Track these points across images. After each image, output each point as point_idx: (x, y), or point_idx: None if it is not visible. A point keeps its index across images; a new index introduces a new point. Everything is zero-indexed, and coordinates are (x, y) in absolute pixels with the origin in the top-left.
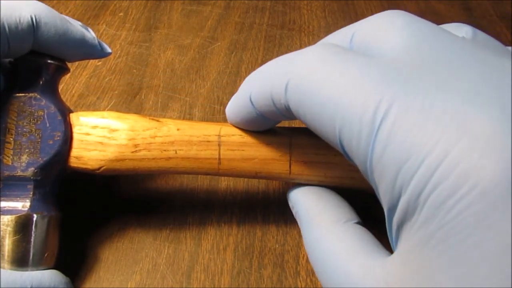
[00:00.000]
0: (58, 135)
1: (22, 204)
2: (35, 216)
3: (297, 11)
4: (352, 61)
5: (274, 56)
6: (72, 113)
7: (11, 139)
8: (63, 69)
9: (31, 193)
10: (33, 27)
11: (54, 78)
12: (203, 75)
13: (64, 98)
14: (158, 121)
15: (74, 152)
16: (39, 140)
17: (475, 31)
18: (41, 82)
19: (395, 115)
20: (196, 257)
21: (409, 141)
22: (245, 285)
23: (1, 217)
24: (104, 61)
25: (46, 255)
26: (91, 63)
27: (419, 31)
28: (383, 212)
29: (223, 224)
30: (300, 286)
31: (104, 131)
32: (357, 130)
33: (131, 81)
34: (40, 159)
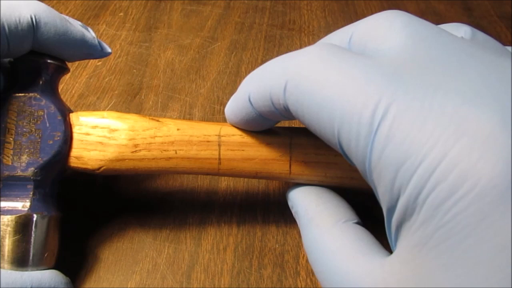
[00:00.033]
0: (58, 135)
1: (22, 204)
2: (35, 216)
3: (297, 11)
4: (350, 61)
5: (274, 56)
6: (72, 113)
7: (11, 139)
8: (63, 69)
9: (31, 193)
10: (33, 27)
11: (54, 78)
12: (203, 75)
13: (64, 98)
14: (158, 121)
15: (74, 152)
16: (39, 140)
17: (474, 31)
18: (41, 82)
19: (393, 115)
20: (196, 257)
21: (407, 142)
22: (245, 285)
23: (1, 217)
24: (104, 61)
25: (46, 255)
26: (91, 63)
27: (417, 31)
28: (382, 212)
29: (223, 224)
30: (300, 286)
31: (104, 131)
32: (355, 130)
33: (131, 81)
34: (40, 159)
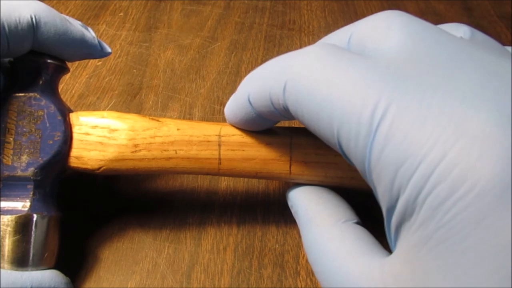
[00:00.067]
0: (58, 135)
1: (22, 204)
2: (35, 216)
3: (297, 11)
4: (350, 62)
5: (274, 56)
6: (72, 113)
7: (11, 139)
8: (63, 69)
9: (31, 193)
10: (33, 27)
11: (54, 78)
12: (203, 75)
13: (64, 98)
14: (158, 121)
15: (74, 152)
16: (39, 140)
17: (473, 31)
18: (41, 82)
19: (393, 116)
20: (196, 257)
21: (407, 142)
22: (245, 285)
23: (1, 217)
24: (104, 61)
25: (46, 255)
26: (91, 63)
27: (417, 31)
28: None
29: (223, 224)
30: (300, 286)
31: (104, 131)
32: (355, 131)
33: (131, 81)
34: (40, 159)
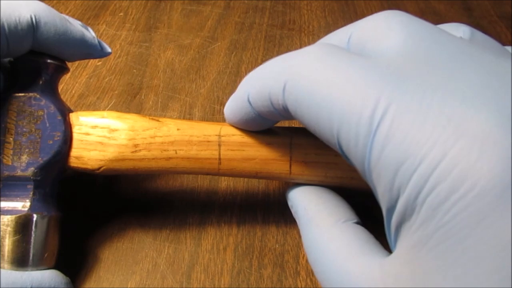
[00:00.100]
0: (58, 135)
1: (22, 204)
2: (35, 216)
3: (297, 11)
4: (349, 62)
5: (274, 56)
6: (72, 113)
7: (11, 139)
8: (63, 68)
9: (31, 193)
10: (33, 27)
11: (54, 78)
12: (203, 75)
13: (64, 98)
14: (158, 121)
15: (74, 152)
16: (39, 140)
17: (473, 31)
18: (40, 82)
19: (392, 116)
20: (196, 257)
21: (407, 142)
22: (245, 285)
23: (1, 217)
24: (104, 61)
25: (46, 255)
26: (91, 63)
27: (416, 31)
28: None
29: (223, 224)
30: (300, 286)
31: (104, 131)
32: (354, 131)
33: (131, 81)
34: (40, 159)
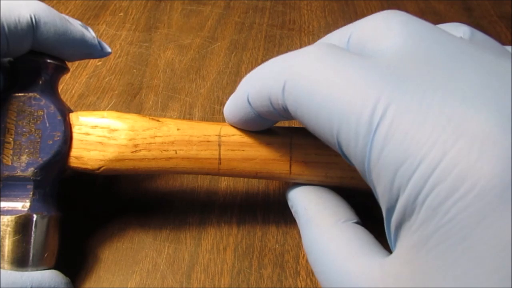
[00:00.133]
0: (58, 135)
1: (22, 204)
2: (35, 216)
3: (297, 11)
4: (349, 62)
5: (274, 56)
6: (72, 113)
7: (11, 139)
8: (63, 68)
9: (31, 193)
10: (33, 27)
11: (54, 78)
12: (203, 75)
13: (64, 98)
14: (158, 121)
15: (74, 152)
16: (38, 140)
17: (473, 30)
18: (40, 82)
19: (392, 115)
20: (196, 257)
21: (406, 142)
22: (245, 285)
23: (1, 217)
24: (104, 61)
25: (46, 255)
26: (91, 63)
27: (416, 31)
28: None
29: (223, 224)
30: (300, 286)
31: (104, 131)
32: (354, 131)
33: (131, 81)
34: (40, 159)
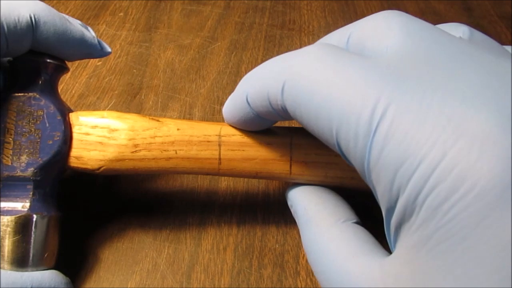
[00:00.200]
0: (57, 135)
1: (22, 204)
2: (34, 216)
3: (297, 11)
4: (348, 62)
5: (274, 56)
6: (72, 113)
7: (11, 139)
8: (63, 68)
9: (31, 193)
10: (32, 27)
11: (54, 78)
12: (203, 75)
13: (64, 98)
14: (158, 121)
15: (74, 152)
16: (38, 140)
17: (472, 31)
18: (40, 82)
19: (392, 115)
20: (196, 257)
21: (406, 142)
22: (245, 285)
23: (1, 217)
24: (104, 61)
25: (46, 255)
26: (91, 63)
27: (415, 31)
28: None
29: (223, 224)
30: (300, 286)
31: (104, 131)
32: (354, 131)
33: (131, 81)
34: (40, 159)
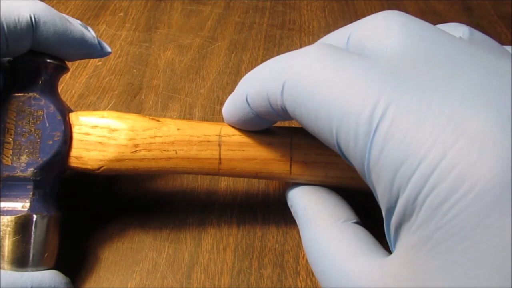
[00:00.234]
0: (57, 135)
1: (22, 204)
2: (34, 216)
3: (297, 11)
4: (348, 62)
5: (274, 56)
6: (72, 113)
7: (10, 139)
8: (63, 68)
9: (31, 193)
10: (32, 26)
11: (54, 78)
12: (203, 75)
13: (64, 98)
14: (158, 121)
15: (74, 152)
16: (38, 140)
17: (472, 31)
18: (40, 82)
19: (392, 116)
20: (196, 257)
21: (406, 142)
22: (245, 285)
23: (1, 217)
24: (104, 61)
25: (46, 255)
26: (91, 63)
27: (415, 31)
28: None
29: (223, 224)
30: (300, 286)
31: (104, 131)
32: (354, 131)
33: (131, 81)
34: (40, 159)
